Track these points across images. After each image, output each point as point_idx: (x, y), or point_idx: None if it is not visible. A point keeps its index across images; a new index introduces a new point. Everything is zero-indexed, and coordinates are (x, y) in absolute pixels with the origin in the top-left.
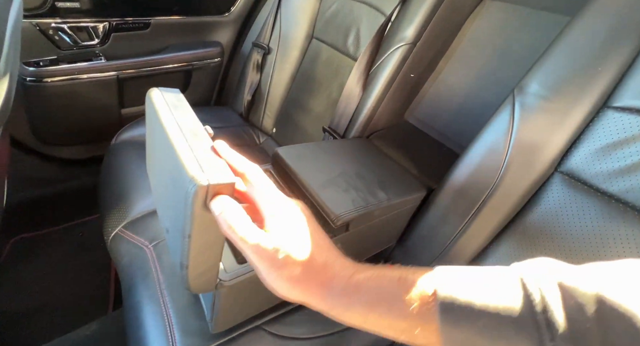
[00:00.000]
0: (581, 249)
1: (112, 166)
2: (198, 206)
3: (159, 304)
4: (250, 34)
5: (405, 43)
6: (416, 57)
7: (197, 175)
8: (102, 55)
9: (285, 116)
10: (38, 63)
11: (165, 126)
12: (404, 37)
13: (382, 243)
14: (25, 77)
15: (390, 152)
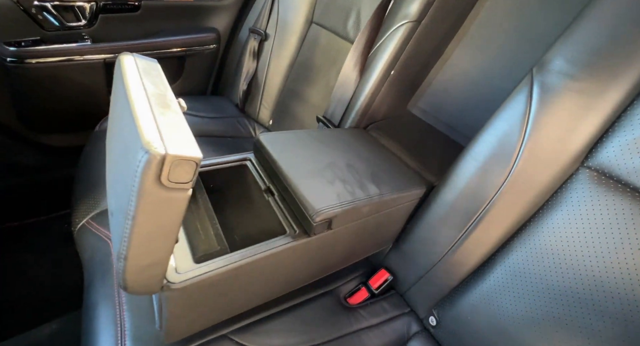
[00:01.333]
0: (612, 260)
1: (91, 154)
2: (149, 180)
3: (114, 305)
4: (248, 20)
5: (408, 21)
6: (421, 37)
7: (152, 142)
8: (89, 37)
9: (282, 107)
10: (20, 43)
11: (130, 91)
12: (408, 14)
13: (376, 245)
14: (5, 57)
15: (389, 144)
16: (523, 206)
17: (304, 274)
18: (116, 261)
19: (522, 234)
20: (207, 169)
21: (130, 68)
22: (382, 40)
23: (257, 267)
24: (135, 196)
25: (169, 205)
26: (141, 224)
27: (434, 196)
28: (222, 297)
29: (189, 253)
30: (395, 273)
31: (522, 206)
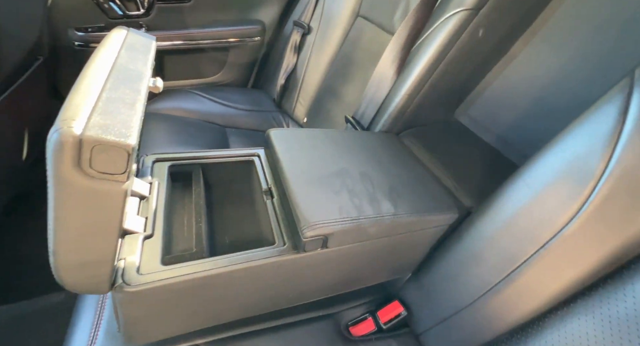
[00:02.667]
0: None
1: None
2: (63, 165)
3: None
4: (294, 13)
5: (463, 8)
6: (478, 30)
7: (70, 119)
8: (145, 26)
9: (317, 104)
10: (87, 29)
11: (93, 60)
12: (463, 1)
13: (388, 272)
14: (74, 41)
15: (422, 155)
16: (599, 254)
17: (294, 293)
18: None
19: (594, 293)
20: (210, 161)
21: (114, 40)
22: (428, 32)
23: (234, 279)
24: (51, 183)
25: (97, 198)
26: (64, 218)
27: (470, 225)
28: (192, 305)
29: (159, 252)
30: (411, 309)
31: (597, 253)
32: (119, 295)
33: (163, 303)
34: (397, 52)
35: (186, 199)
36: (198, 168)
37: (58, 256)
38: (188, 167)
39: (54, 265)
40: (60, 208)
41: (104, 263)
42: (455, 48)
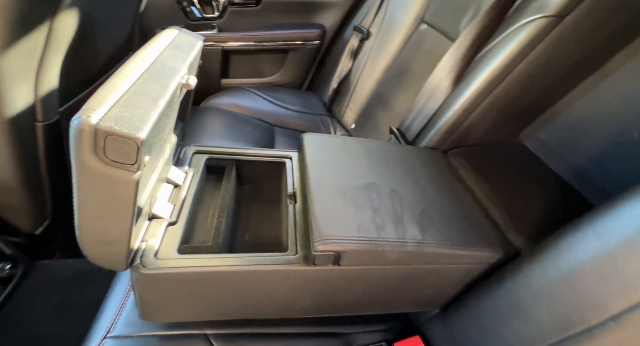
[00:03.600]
0: None
1: (191, 125)
2: (83, 150)
3: None
4: (356, 19)
5: (543, 15)
6: (560, 40)
7: (91, 109)
8: (217, 27)
9: (367, 112)
10: None
11: (138, 55)
12: (544, 5)
13: (411, 303)
14: None
15: (471, 178)
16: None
17: (302, 304)
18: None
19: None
20: (244, 159)
21: (163, 38)
22: (496, 40)
23: (241, 279)
24: (73, 164)
25: (112, 184)
26: (84, 197)
27: (516, 269)
28: (201, 296)
29: (179, 240)
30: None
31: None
32: (134, 275)
33: (174, 289)
34: (456, 61)
35: (216, 192)
36: (232, 164)
37: (80, 231)
38: (223, 162)
39: (78, 239)
40: (81, 188)
41: (119, 243)
42: (528, 60)
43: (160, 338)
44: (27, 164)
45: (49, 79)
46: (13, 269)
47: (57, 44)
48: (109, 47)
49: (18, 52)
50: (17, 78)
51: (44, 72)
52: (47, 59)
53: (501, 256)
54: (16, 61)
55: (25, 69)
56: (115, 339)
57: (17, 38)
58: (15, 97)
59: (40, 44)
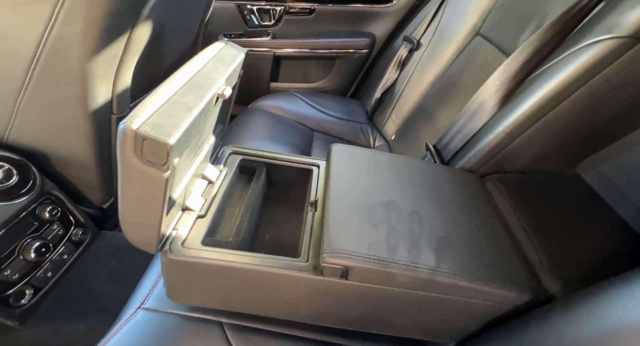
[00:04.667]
0: None
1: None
2: (125, 149)
3: None
4: (408, 29)
5: (615, 36)
6: (634, 65)
7: (135, 115)
8: (271, 34)
9: (408, 124)
10: (230, 35)
11: (182, 69)
12: (616, 26)
13: (424, 331)
14: None
15: (508, 208)
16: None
17: (310, 311)
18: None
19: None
20: (274, 163)
21: (209, 51)
22: (556, 59)
23: (252, 277)
24: (119, 160)
25: (146, 179)
26: (125, 187)
27: (545, 316)
28: (217, 287)
29: (204, 232)
30: None
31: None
32: (163, 258)
33: (194, 277)
34: (507, 79)
35: (245, 192)
36: (263, 167)
37: (122, 215)
38: (255, 164)
39: (120, 221)
40: (123, 180)
41: (150, 229)
42: (591, 85)
43: (181, 318)
44: (102, 148)
45: (124, 79)
46: (84, 235)
47: (134, 50)
48: (175, 52)
49: (103, 57)
50: (101, 78)
51: (120, 74)
52: (124, 63)
53: (529, 299)
54: (102, 64)
55: (107, 70)
56: (146, 310)
57: (105, 46)
58: (99, 94)
59: (120, 50)
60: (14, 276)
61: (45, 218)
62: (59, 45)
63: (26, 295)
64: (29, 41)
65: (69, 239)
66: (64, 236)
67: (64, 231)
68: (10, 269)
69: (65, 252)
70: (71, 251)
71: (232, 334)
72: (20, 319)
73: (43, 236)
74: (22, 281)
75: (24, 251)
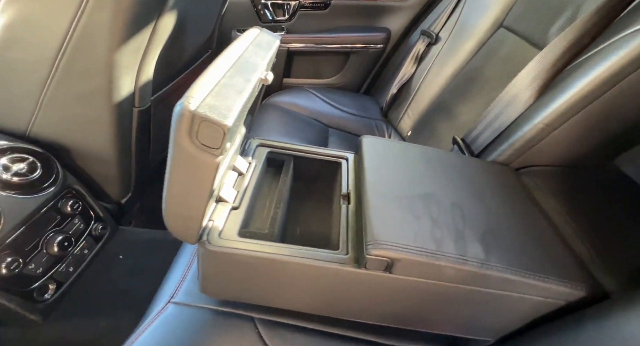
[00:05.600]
0: None
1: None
2: (181, 132)
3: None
4: (425, 23)
5: None
6: None
7: (192, 96)
8: (285, 29)
9: (426, 119)
10: (243, 31)
11: (225, 53)
12: None
13: (465, 327)
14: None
15: (548, 202)
16: None
17: (348, 306)
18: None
19: None
20: (302, 155)
21: (247, 37)
22: (599, 48)
23: (292, 270)
24: (171, 145)
25: (198, 165)
26: (174, 174)
27: (603, 314)
28: (252, 280)
29: (239, 223)
30: None
31: None
32: (201, 250)
33: (231, 269)
34: (543, 69)
35: (274, 184)
36: (290, 159)
37: (166, 204)
38: (283, 157)
39: (164, 210)
40: (173, 166)
41: (194, 218)
42: (637, 74)
43: (213, 312)
44: (123, 143)
45: (146, 71)
46: (103, 230)
47: (157, 41)
48: (194, 45)
49: (129, 48)
50: (125, 69)
51: (144, 66)
52: (148, 54)
53: (585, 294)
54: (127, 55)
55: (132, 62)
56: (176, 305)
57: (131, 36)
58: (123, 85)
59: (145, 40)
60: (37, 270)
61: (67, 212)
62: (86, 35)
63: (49, 290)
64: (57, 31)
65: (89, 234)
66: (84, 231)
67: (85, 225)
68: (34, 263)
69: (86, 247)
70: (92, 246)
71: (264, 329)
72: (44, 313)
73: (65, 230)
74: (45, 276)
75: (47, 245)
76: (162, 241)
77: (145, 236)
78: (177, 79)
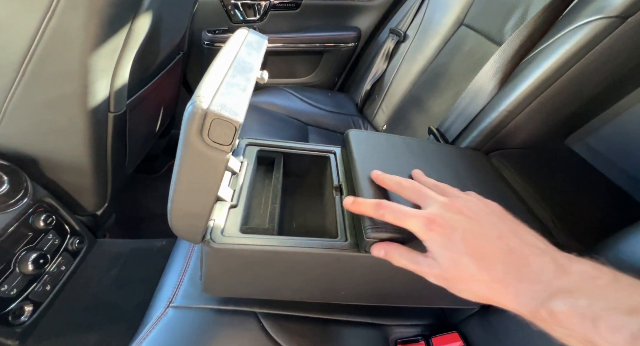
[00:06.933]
0: None
1: None
2: (192, 131)
3: (188, 244)
4: (392, 21)
5: (603, 16)
6: (619, 43)
7: (202, 96)
8: (257, 29)
9: (399, 114)
10: (215, 31)
11: (221, 53)
12: (605, 6)
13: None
14: (204, 41)
15: (515, 180)
16: None
17: (347, 290)
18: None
19: None
20: (291, 152)
21: (237, 37)
22: (548, 42)
23: (294, 260)
24: (182, 144)
25: (208, 162)
26: (183, 173)
27: None
28: (256, 274)
29: (240, 221)
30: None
31: None
32: (206, 248)
33: (236, 265)
34: (503, 63)
35: (266, 181)
36: (280, 156)
37: (173, 203)
38: (272, 154)
39: (169, 210)
40: (182, 165)
41: (200, 217)
42: (582, 63)
43: (215, 312)
44: (98, 150)
45: (122, 75)
46: (81, 244)
47: (133, 43)
48: (168, 47)
49: (104, 50)
50: (101, 73)
51: (119, 69)
52: (123, 57)
53: None
54: (102, 57)
55: (107, 65)
56: (176, 309)
57: (106, 38)
58: (98, 90)
59: (121, 42)
60: (11, 291)
61: (40, 228)
62: (58, 38)
63: (26, 312)
64: (24, 33)
65: (65, 249)
66: (60, 246)
67: (60, 240)
68: (7, 284)
69: (63, 263)
70: (69, 262)
71: (268, 323)
72: (21, 338)
73: (39, 247)
74: (20, 297)
75: (20, 264)
76: (147, 250)
77: (129, 247)
78: (151, 82)
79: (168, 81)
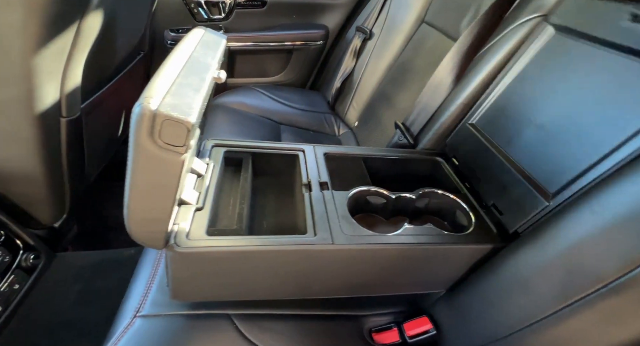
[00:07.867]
0: None
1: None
2: (141, 134)
3: (155, 251)
4: (358, 19)
5: (541, 14)
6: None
7: (151, 97)
8: (223, 28)
9: (370, 109)
10: (178, 30)
11: (174, 52)
12: (541, 5)
13: (420, 285)
14: (167, 40)
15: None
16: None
17: (320, 285)
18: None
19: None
20: (259, 151)
21: (193, 37)
22: (495, 40)
23: (265, 259)
24: (131, 148)
25: (162, 165)
26: (137, 177)
27: (517, 249)
28: (227, 276)
29: (206, 223)
30: (441, 328)
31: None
32: (170, 253)
33: (204, 268)
34: (458, 59)
35: (234, 182)
36: (248, 156)
37: (129, 210)
38: (240, 155)
39: (126, 216)
40: (135, 170)
41: (160, 221)
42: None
43: (186, 317)
44: (50, 158)
45: (73, 77)
46: (36, 259)
47: (83, 44)
48: (125, 47)
49: (49, 51)
50: (47, 76)
51: (69, 71)
52: (73, 58)
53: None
54: (47, 59)
55: (54, 67)
56: (144, 318)
57: (50, 38)
58: (45, 94)
59: (68, 43)
60: None
61: None
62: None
63: None
64: None
65: (18, 266)
66: (11, 264)
67: (11, 257)
68: None
69: (16, 281)
70: (23, 279)
71: (241, 324)
72: None
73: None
74: None
75: None
76: (114, 261)
77: (94, 259)
78: (110, 84)
79: (129, 82)
